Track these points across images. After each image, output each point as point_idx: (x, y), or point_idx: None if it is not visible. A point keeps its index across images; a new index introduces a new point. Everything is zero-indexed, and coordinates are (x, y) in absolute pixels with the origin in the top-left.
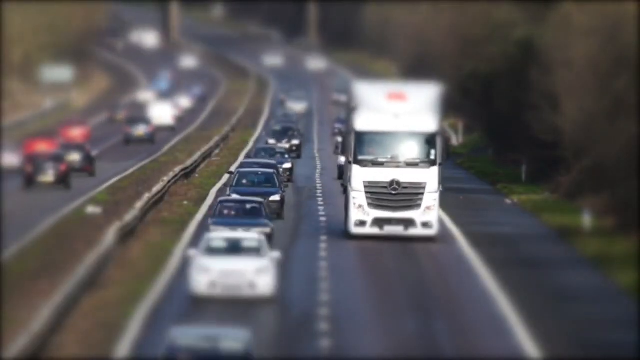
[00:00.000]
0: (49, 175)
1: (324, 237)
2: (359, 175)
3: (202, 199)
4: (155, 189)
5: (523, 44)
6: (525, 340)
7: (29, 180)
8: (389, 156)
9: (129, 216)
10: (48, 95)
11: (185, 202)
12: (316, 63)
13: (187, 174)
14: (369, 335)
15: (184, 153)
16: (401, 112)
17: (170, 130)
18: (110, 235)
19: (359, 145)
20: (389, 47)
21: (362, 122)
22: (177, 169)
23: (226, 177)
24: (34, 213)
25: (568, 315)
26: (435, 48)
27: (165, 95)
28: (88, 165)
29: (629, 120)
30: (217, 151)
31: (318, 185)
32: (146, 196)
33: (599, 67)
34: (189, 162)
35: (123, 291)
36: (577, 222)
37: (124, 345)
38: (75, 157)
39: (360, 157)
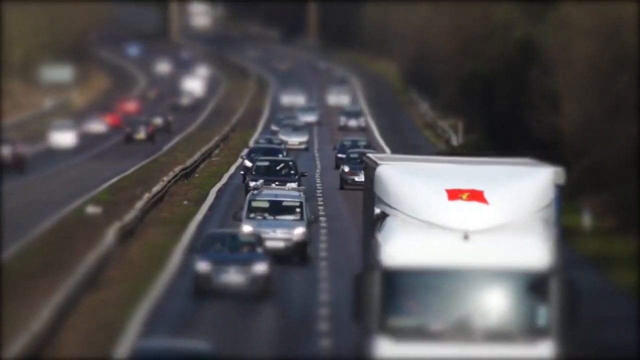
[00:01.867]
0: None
1: None
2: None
3: (202, 199)
4: (155, 189)
5: (523, 44)
6: None
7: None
8: (452, 320)
9: (129, 216)
10: (48, 95)
11: (185, 202)
12: (339, 98)
13: (187, 174)
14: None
15: (184, 153)
16: (476, 226)
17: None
18: (110, 235)
19: (391, 297)
20: (389, 47)
21: (397, 249)
22: (177, 169)
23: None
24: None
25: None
26: (435, 48)
27: (187, 66)
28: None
29: (629, 120)
30: (217, 151)
31: (318, 185)
32: (146, 196)
33: (599, 67)
34: (188, 162)
35: (123, 291)
36: (577, 222)
37: (124, 346)
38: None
39: (392, 322)
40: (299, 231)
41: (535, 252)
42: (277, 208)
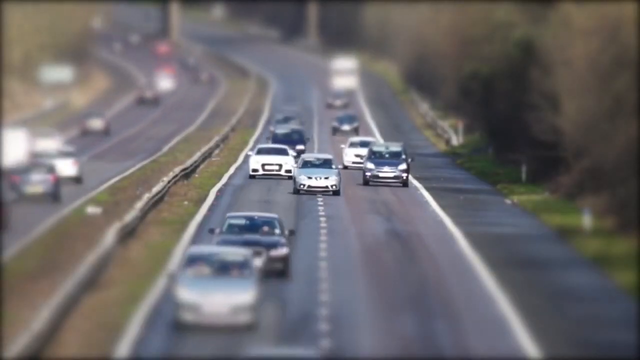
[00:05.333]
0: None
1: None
2: None
3: (202, 199)
4: (155, 189)
5: (523, 44)
6: (525, 340)
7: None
8: None
9: (129, 216)
10: (48, 95)
11: (185, 203)
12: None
13: (187, 174)
14: (367, 335)
15: (184, 153)
16: None
17: None
18: (110, 235)
19: None
20: (389, 48)
21: None
22: (177, 169)
23: None
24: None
25: (568, 315)
26: (435, 48)
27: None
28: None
29: (629, 120)
30: (217, 151)
31: None
32: (146, 196)
33: (599, 67)
34: (188, 163)
35: (123, 291)
36: (577, 222)
37: (124, 345)
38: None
39: None
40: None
41: None
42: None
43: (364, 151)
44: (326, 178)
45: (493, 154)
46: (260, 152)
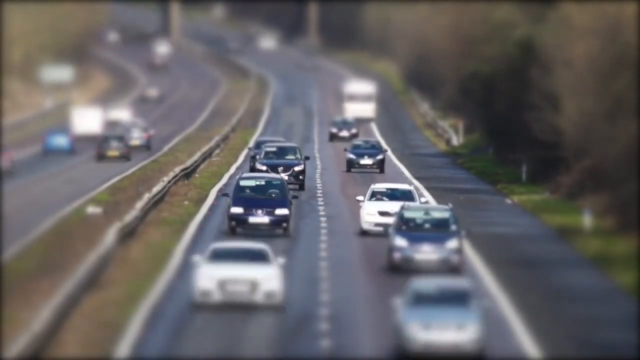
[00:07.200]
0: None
1: None
2: None
3: (202, 199)
4: (155, 189)
5: (523, 44)
6: (526, 340)
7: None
8: None
9: (129, 216)
10: (48, 95)
11: (186, 202)
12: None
13: (188, 174)
14: (367, 335)
15: (184, 153)
16: None
17: None
18: (110, 235)
19: None
20: (389, 47)
21: None
22: (178, 169)
23: None
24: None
25: (568, 315)
26: (435, 48)
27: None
28: None
29: (629, 120)
30: (217, 151)
31: (318, 185)
32: (146, 196)
33: (599, 67)
34: (189, 162)
35: (123, 291)
36: (577, 222)
37: (124, 345)
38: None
39: None
40: None
41: None
42: None
43: (393, 207)
44: (459, 327)
45: (493, 154)
46: (217, 256)
